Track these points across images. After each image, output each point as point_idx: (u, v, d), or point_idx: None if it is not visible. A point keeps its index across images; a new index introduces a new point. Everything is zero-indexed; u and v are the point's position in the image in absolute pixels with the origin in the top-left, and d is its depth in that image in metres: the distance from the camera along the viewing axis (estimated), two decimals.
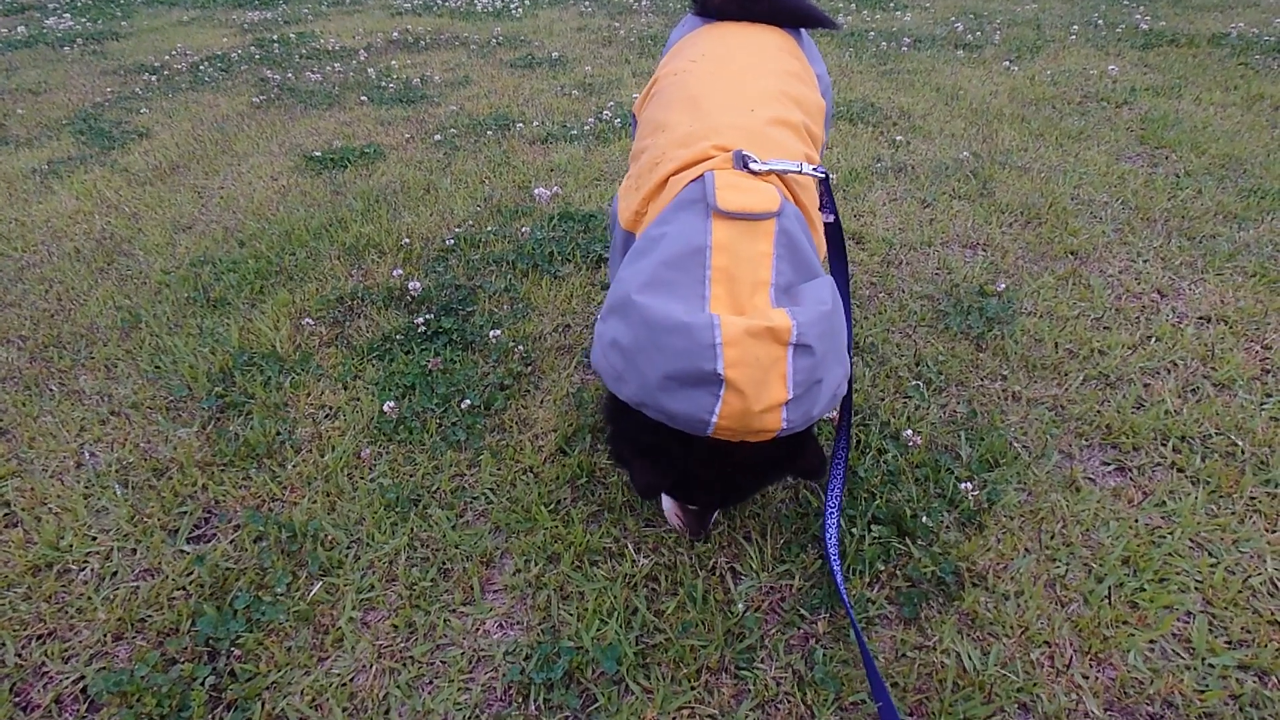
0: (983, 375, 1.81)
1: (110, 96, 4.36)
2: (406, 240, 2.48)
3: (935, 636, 1.24)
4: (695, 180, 1.13)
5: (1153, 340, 1.90)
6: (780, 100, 1.33)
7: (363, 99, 4.07)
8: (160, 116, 3.95)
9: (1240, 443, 1.58)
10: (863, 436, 1.63)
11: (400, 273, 2.29)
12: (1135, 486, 1.51)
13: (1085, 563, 1.35)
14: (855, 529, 1.41)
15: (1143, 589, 1.30)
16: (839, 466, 1.33)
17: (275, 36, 5.76)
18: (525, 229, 2.50)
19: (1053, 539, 1.40)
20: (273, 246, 2.50)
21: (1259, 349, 1.86)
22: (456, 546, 1.42)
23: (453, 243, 2.45)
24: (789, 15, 1.61)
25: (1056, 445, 1.60)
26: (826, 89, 1.58)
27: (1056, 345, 1.89)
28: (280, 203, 2.86)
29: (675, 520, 1.37)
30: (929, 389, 1.77)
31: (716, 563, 1.38)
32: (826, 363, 1.02)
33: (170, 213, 2.83)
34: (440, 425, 1.70)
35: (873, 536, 1.40)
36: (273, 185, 3.03)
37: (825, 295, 1.05)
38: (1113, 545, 1.38)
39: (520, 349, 1.93)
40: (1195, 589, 1.30)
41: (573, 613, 1.30)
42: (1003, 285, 2.12)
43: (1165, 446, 1.59)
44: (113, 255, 2.53)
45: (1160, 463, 1.56)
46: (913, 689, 1.17)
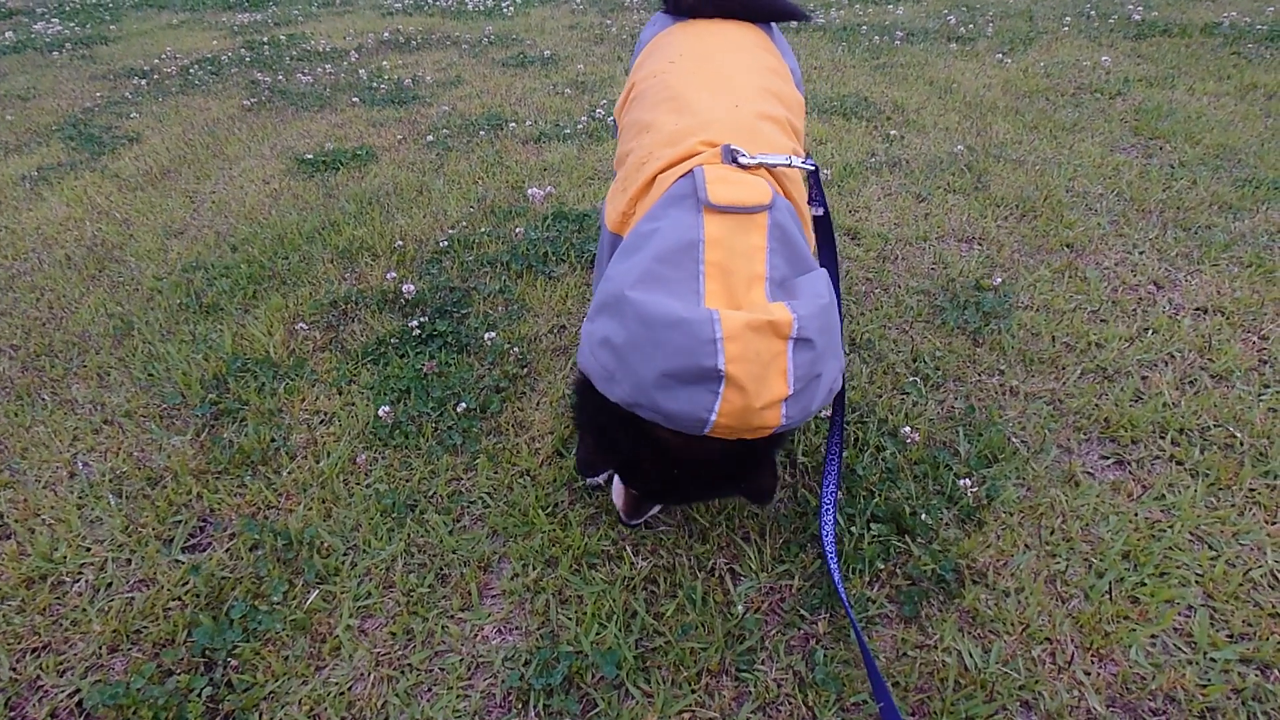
0: (980, 370, 1.81)
1: (100, 101, 4.34)
2: (400, 242, 2.47)
3: (936, 635, 1.24)
4: (684, 176, 1.12)
5: (1150, 332, 1.90)
6: (763, 96, 1.33)
7: (354, 100, 4.05)
8: (150, 121, 3.92)
9: (1239, 434, 1.58)
10: (860, 434, 1.62)
11: (394, 275, 2.27)
12: (1134, 480, 1.50)
13: (1085, 558, 1.35)
14: (854, 527, 1.41)
15: (1143, 584, 1.30)
16: (834, 464, 1.32)
17: (265, 39, 5.72)
18: (519, 229, 2.49)
19: (1052, 534, 1.39)
20: (265, 251, 2.48)
21: (1256, 340, 1.86)
22: (454, 552, 1.41)
23: (446, 244, 2.44)
24: (761, 10, 1.59)
25: (1055, 440, 1.60)
26: (799, 82, 1.57)
27: (1053, 339, 1.89)
28: (272, 206, 2.84)
29: (617, 499, 1.37)
30: (926, 385, 1.76)
31: (715, 564, 1.37)
32: (825, 357, 1.01)
33: (162, 218, 2.81)
34: (436, 429, 1.69)
35: (872, 535, 1.39)
36: (265, 189, 3.01)
37: (822, 289, 1.04)
38: (1113, 540, 1.37)
39: (516, 351, 1.92)
40: (1196, 583, 1.30)
41: (571, 617, 1.29)
42: (999, 279, 2.12)
43: (1164, 439, 1.58)
44: (104, 262, 2.51)
45: (1159, 456, 1.55)
46: (914, 688, 1.17)
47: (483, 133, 3.43)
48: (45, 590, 1.38)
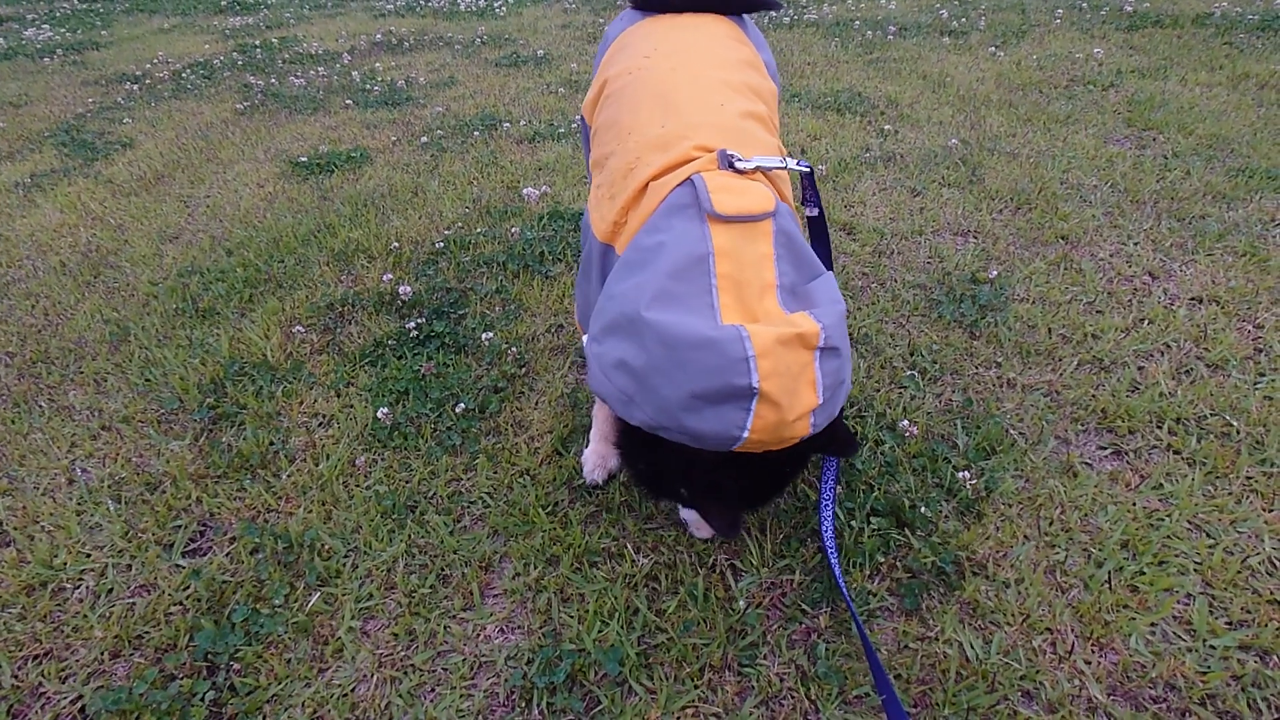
0: (977, 363, 1.81)
1: (92, 107, 4.32)
2: (396, 244, 2.47)
3: (937, 627, 1.24)
4: (683, 184, 1.09)
5: (1145, 323, 1.90)
6: (744, 93, 1.30)
7: (347, 103, 4.04)
8: (143, 126, 3.91)
9: (1235, 423, 1.59)
10: (859, 428, 1.62)
11: (390, 277, 2.27)
12: (1132, 470, 1.51)
13: (1084, 548, 1.35)
14: (854, 521, 1.41)
15: (1142, 572, 1.30)
16: (833, 459, 1.32)
17: (257, 42, 5.71)
18: (515, 229, 2.49)
19: (1051, 525, 1.40)
20: (261, 254, 2.48)
21: (1251, 328, 1.86)
22: (455, 552, 1.41)
23: (442, 245, 2.44)
24: (732, 1, 1.56)
25: (1053, 431, 1.60)
26: (774, 73, 1.54)
27: (1050, 331, 1.89)
28: (267, 210, 2.84)
29: (699, 531, 1.37)
30: (924, 379, 1.77)
31: (716, 560, 1.37)
32: (847, 362, 1.00)
33: (156, 223, 2.80)
34: (435, 430, 1.69)
35: (872, 529, 1.40)
36: (259, 192, 3.01)
37: (836, 293, 1.03)
38: (1111, 529, 1.38)
39: (513, 351, 1.92)
40: (1195, 571, 1.30)
41: (573, 615, 1.29)
42: (995, 272, 2.12)
43: (1161, 429, 1.59)
44: (99, 268, 2.51)
45: (1156, 445, 1.56)
46: (916, 680, 1.17)
47: (477, 133, 3.43)
48: (46, 597, 1.38)
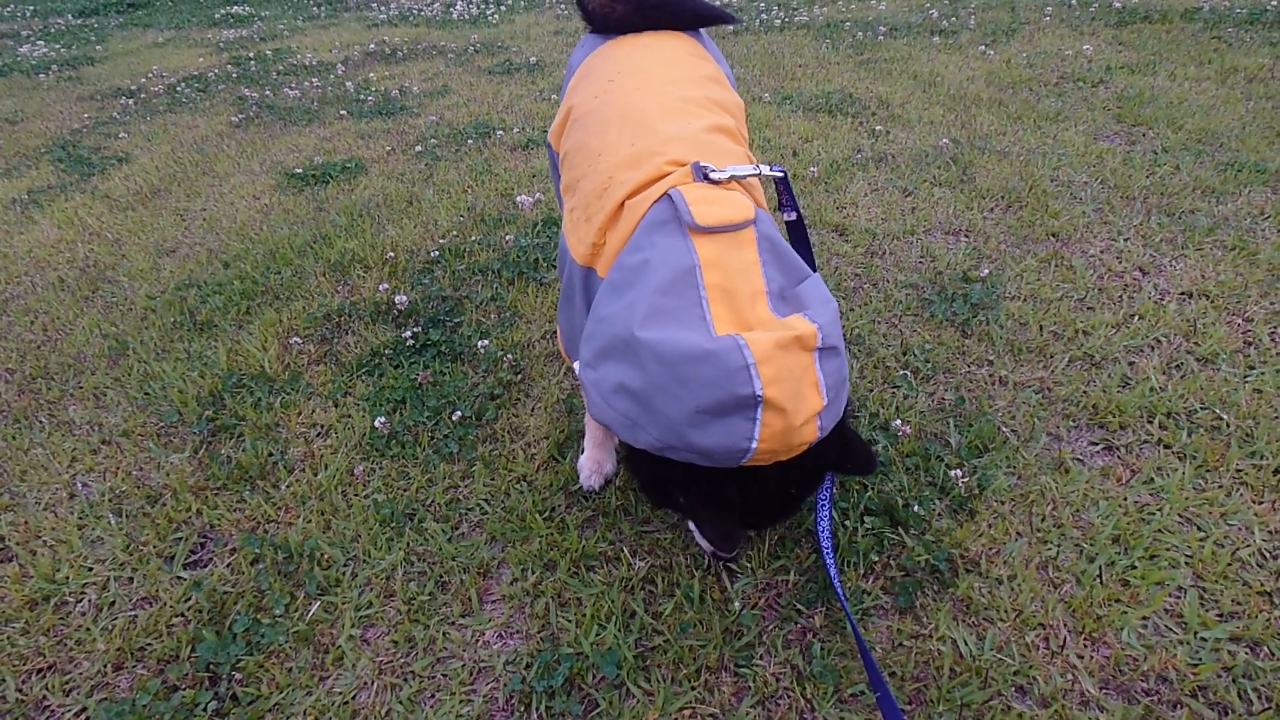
0: (969, 361, 1.82)
1: (88, 122, 4.34)
2: (391, 254, 2.48)
3: (931, 624, 1.25)
4: (661, 200, 1.08)
5: (1136, 318, 1.92)
6: (709, 107, 1.30)
7: (342, 113, 4.06)
8: (139, 140, 3.93)
9: (1225, 416, 1.60)
10: (853, 428, 1.64)
11: (386, 287, 2.29)
12: (1123, 465, 1.52)
13: (1076, 543, 1.37)
14: (848, 521, 1.42)
15: (1134, 567, 1.31)
16: None
17: (251, 54, 5.74)
18: (510, 237, 2.50)
19: (1044, 521, 1.41)
20: (257, 266, 2.49)
21: (1240, 322, 1.88)
22: (453, 559, 1.43)
23: (437, 254, 2.45)
24: (690, 17, 1.57)
25: (1044, 428, 1.62)
26: (733, 83, 1.56)
27: (1041, 328, 1.91)
28: (263, 222, 2.86)
29: (705, 543, 1.37)
30: (916, 378, 1.78)
31: (712, 563, 1.38)
32: (844, 359, 1.00)
33: (153, 237, 2.82)
34: (432, 438, 1.71)
35: (865, 528, 1.41)
36: (255, 204, 3.02)
37: (826, 292, 1.04)
38: (1103, 525, 1.39)
39: (509, 358, 1.93)
40: (1185, 564, 1.32)
41: (571, 619, 1.30)
42: (986, 270, 2.14)
43: (1151, 424, 1.60)
44: (97, 283, 2.52)
45: (1147, 440, 1.57)
46: (910, 678, 1.18)
47: (471, 141, 3.45)
48: (49, 611, 1.39)
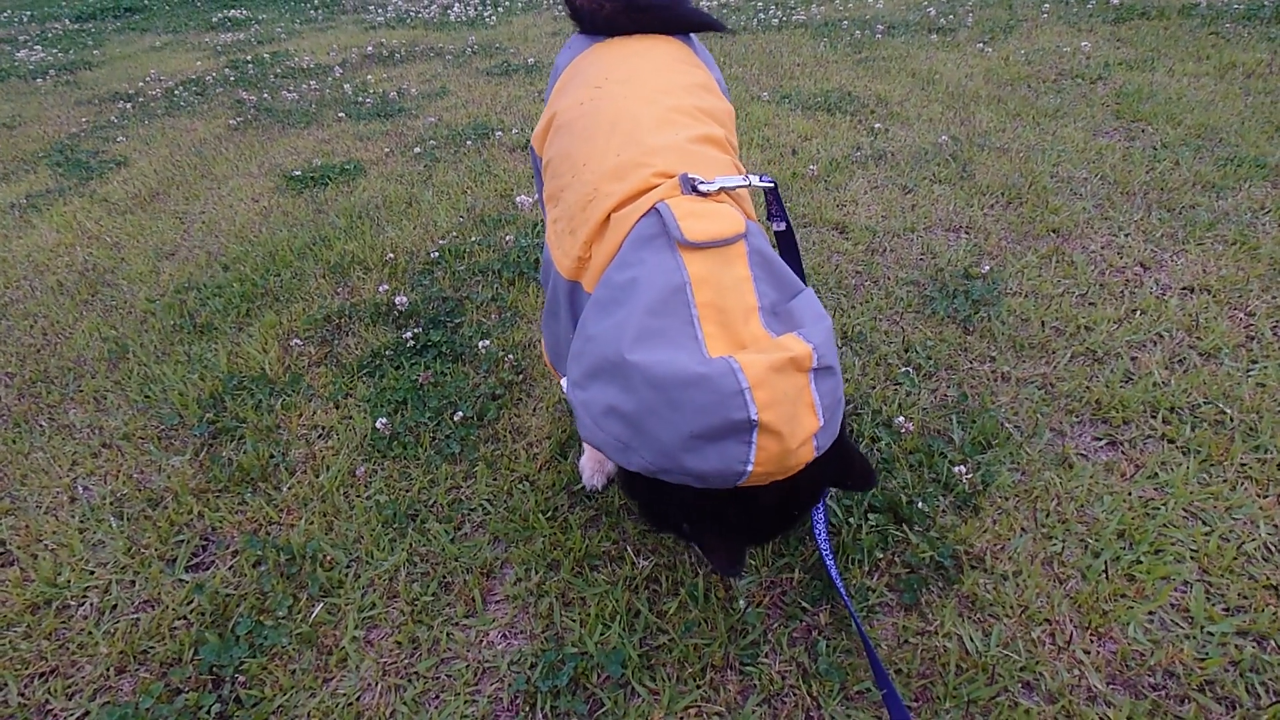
0: (971, 358, 1.82)
1: (86, 126, 4.34)
2: (391, 255, 2.48)
3: (936, 621, 1.25)
4: (648, 214, 1.05)
5: (1138, 313, 1.92)
6: (696, 116, 1.27)
7: (340, 115, 4.06)
8: (137, 144, 3.93)
9: (1229, 410, 1.60)
10: (855, 426, 1.63)
11: (386, 288, 2.28)
12: (1127, 460, 1.52)
13: (1081, 539, 1.36)
14: (852, 518, 1.42)
15: (1139, 561, 1.31)
16: None
17: (249, 57, 5.73)
18: (509, 237, 2.50)
19: (1048, 517, 1.41)
20: (257, 269, 2.49)
21: (1242, 316, 1.88)
22: (456, 559, 1.42)
23: (437, 255, 2.45)
24: (679, 23, 1.54)
25: (1048, 423, 1.61)
26: (725, 90, 1.52)
27: (1043, 324, 1.91)
28: (262, 224, 2.85)
29: (717, 562, 1.36)
30: (919, 374, 1.78)
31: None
32: (840, 378, 0.98)
33: (152, 240, 2.82)
34: (434, 438, 1.70)
35: (869, 525, 1.41)
36: (254, 207, 3.02)
37: (820, 309, 1.01)
38: (1108, 520, 1.39)
39: (510, 358, 1.93)
40: (1191, 558, 1.31)
41: (575, 619, 1.30)
42: (987, 267, 2.14)
43: (1155, 418, 1.60)
44: (96, 286, 2.52)
45: (1151, 435, 1.57)
46: (916, 674, 1.18)
47: (470, 142, 3.44)
48: (50, 615, 1.39)
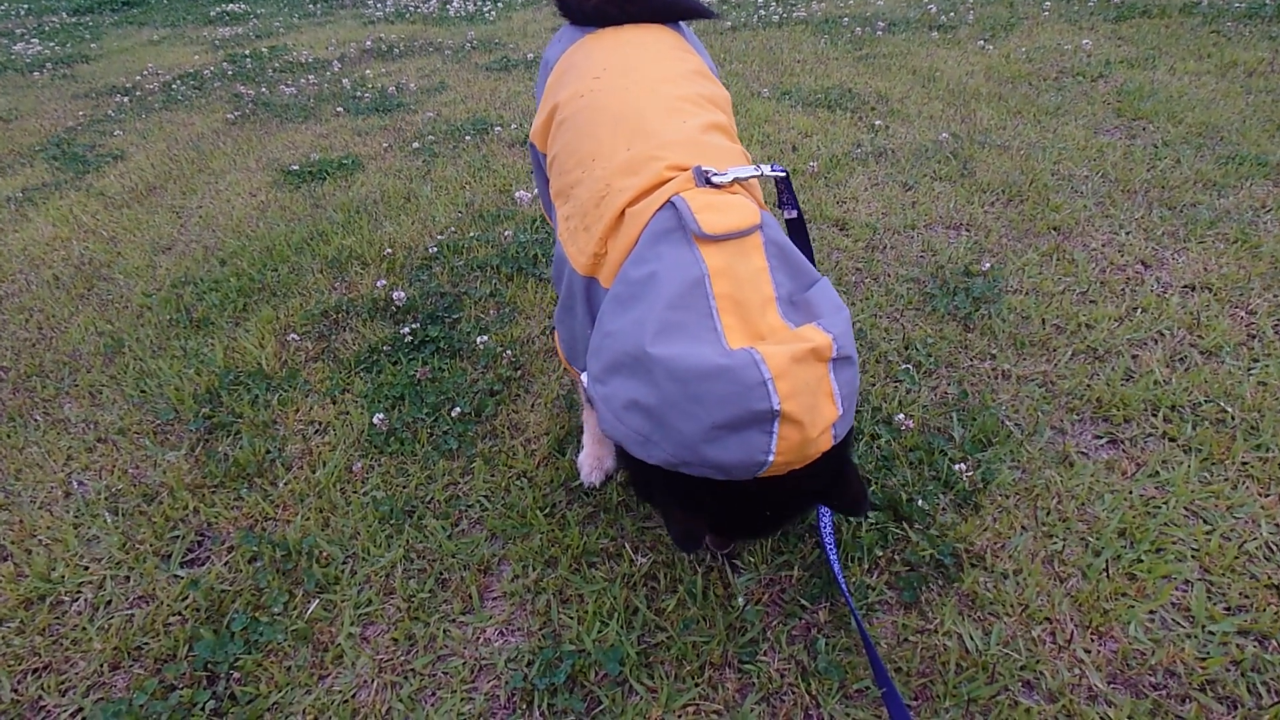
0: (972, 355, 1.81)
1: (83, 120, 4.32)
2: (389, 250, 2.46)
3: (936, 619, 1.24)
4: (664, 208, 1.05)
5: (1139, 311, 1.91)
6: (700, 104, 1.27)
7: (338, 110, 4.04)
8: (134, 138, 3.91)
9: (1230, 409, 1.59)
10: (856, 422, 1.62)
11: (384, 283, 2.27)
12: (1128, 458, 1.51)
13: (1082, 537, 1.35)
14: (851, 517, 1.41)
15: (1140, 560, 1.30)
16: None
17: (247, 52, 5.71)
18: (508, 233, 2.49)
19: (1049, 515, 1.40)
20: (254, 263, 2.47)
21: (1244, 314, 1.87)
22: (453, 556, 1.41)
23: (436, 250, 2.44)
24: (668, 10, 1.52)
25: (1048, 421, 1.61)
26: (717, 75, 1.52)
27: (1044, 321, 1.90)
28: (260, 219, 2.84)
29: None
30: (919, 372, 1.77)
31: (715, 558, 1.37)
32: (857, 367, 0.99)
33: (149, 234, 2.80)
34: (431, 435, 1.69)
35: (869, 523, 1.40)
36: (251, 201, 3.00)
37: (837, 299, 1.02)
38: (1108, 518, 1.38)
39: (508, 354, 1.92)
40: (1192, 557, 1.31)
41: (573, 616, 1.29)
42: (987, 264, 2.13)
43: (1156, 417, 1.59)
44: (92, 280, 2.51)
45: (1152, 433, 1.56)
46: (916, 673, 1.17)
47: (468, 138, 3.43)
48: (44, 610, 1.38)
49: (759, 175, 1.14)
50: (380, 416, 1.72)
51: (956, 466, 1.48)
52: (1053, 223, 2.32)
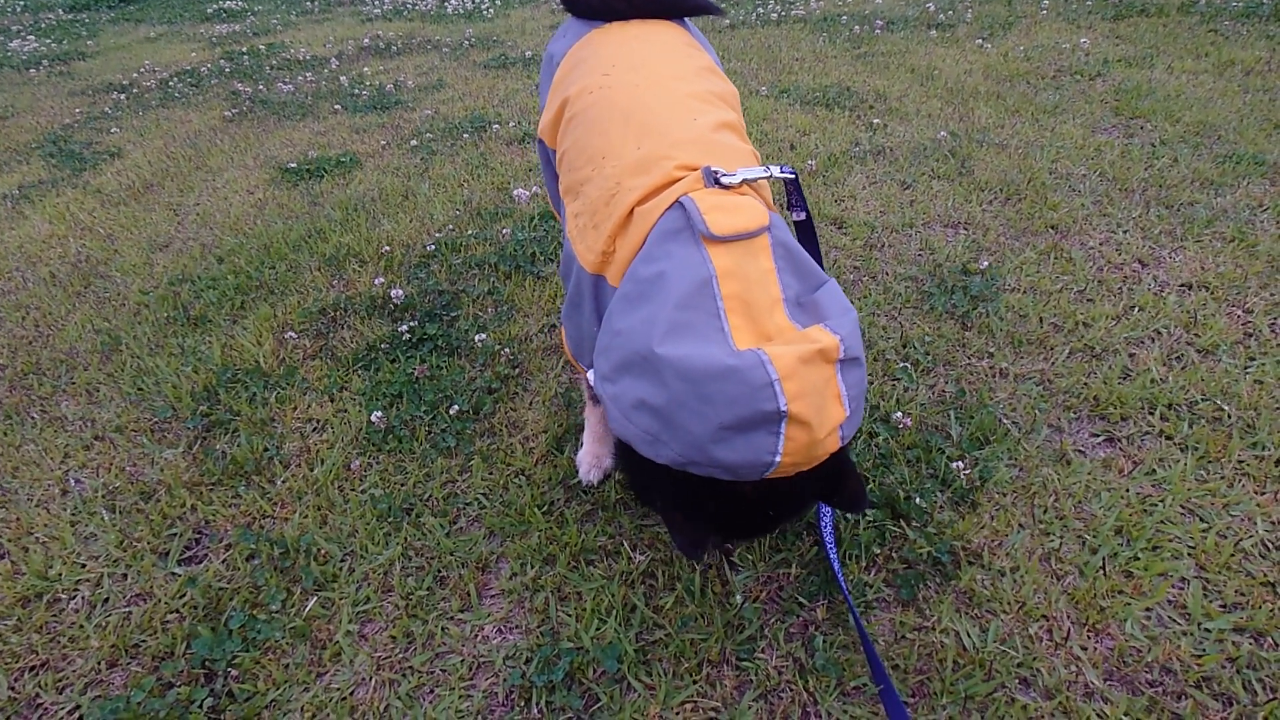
0: (969, 354, 1.82)
1: (79, 117, 4.31)
2: (387, 248, 2.46)
3: (934, 617, 1.24)
4: (673, 208, 1.05)
5: (1136, 310, 1.91)
6: (711, 102, 1.26)
7: (336, 108, 4.03)
8: (131, 135, 3.90)
9: (1226, 407, 1.59)
10: None
11: (382, 281, 2.27)
12: (1125, 456, 1.51)
13: (1079, 535, 1.36)
14: (849, 514, 1.41)
15: (1137, 558, 1.31)
16: None
17: (245, 49, 5.70)
18: (506, 230, 2.48)
19: (1046, 513, 1.40)
20: (252, 261, 2.47)
21: (1240, 313, 1.87)
22: (451, 553, 1.41)
23: (433, 248, 2.43)
24: (675, 5, 1.52)
25: (1045, 419, 1.61)
26: (723, 71, 1.50)
27: (1041, 320, 1.90)
28: (257, 216, 2.83)
29: (685, 546, 1.35)
30: (917, 370, 1.77)
31: (713, 556, 1.37)
32: (865, 368, 0.99)
33: (146, 232, 2.79)
34: (429, 432, 1.69)
35: (867, 520, 1.40)
36: (249, 199, 3.00)
37: (845, 301, 1.02)
38: (1105, 516, 1.38)
39: (506, 352, 1.92)
40: (1188, 555, 1.31)
41: (571, 613, 1.29)
42: (985, 263, 2.13)
43: (1153, 415, 1.60)
44: (89, 278, 2.50)
45: (1149, 431, 1.56)
46: (913, 670, 1.17)
47: (466, 135, 3.42)
48: (41, 608, 1.37)
49: (768, 176, 1.14)
50: (378, 414, 1.72)
51: (954, 464, 1.48)
52: (1050, 221, 2.32)
